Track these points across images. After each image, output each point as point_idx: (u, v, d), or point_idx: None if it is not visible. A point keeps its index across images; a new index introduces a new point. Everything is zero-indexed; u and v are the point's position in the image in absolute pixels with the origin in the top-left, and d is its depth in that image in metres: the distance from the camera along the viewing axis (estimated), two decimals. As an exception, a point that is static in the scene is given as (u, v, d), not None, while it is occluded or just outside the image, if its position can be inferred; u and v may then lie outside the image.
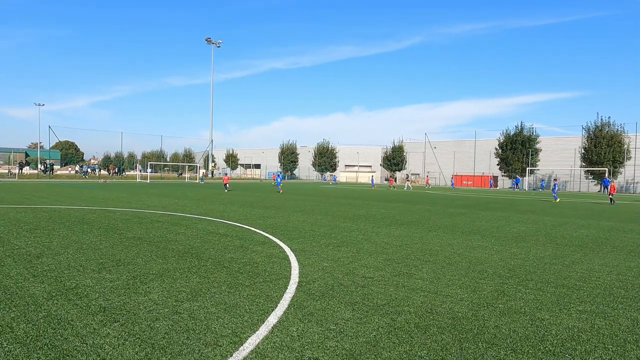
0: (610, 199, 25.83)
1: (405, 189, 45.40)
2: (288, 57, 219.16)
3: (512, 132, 58.23)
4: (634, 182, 53.31)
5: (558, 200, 27.37)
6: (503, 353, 3.51)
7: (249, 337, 3.71)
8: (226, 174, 37.67)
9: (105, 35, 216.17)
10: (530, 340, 3.80)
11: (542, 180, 59.99)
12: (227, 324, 3.99)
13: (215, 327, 3.90)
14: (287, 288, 5.26)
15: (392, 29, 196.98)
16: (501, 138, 59.18)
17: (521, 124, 57.88)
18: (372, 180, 55.84)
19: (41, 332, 3.71)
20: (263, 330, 3.85)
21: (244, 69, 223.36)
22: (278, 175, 37.10)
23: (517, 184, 56.21)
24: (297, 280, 5.66)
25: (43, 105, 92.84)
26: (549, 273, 6.42)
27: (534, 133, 57.34)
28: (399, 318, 4.29)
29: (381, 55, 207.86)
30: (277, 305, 4.56)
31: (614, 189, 26.30)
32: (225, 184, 31.74)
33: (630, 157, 50.22)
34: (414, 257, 7.41)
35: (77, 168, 62.22)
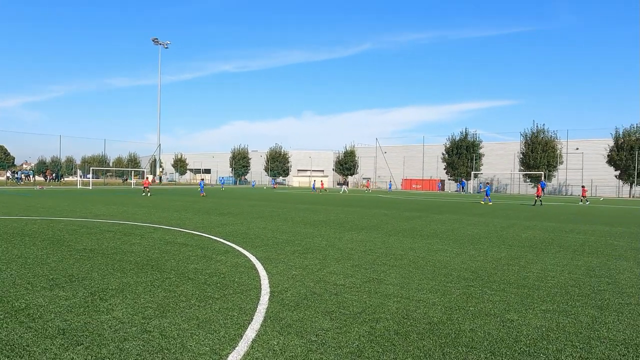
0: (536, 200, 27.71)
1: (341, 192, 46.42)
2: (237, 60, 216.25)
3: (457, 138, 61.00)
4: (565, 185, 57.61)
5: (491, 203, 28.19)
6: (483, 356, 3.60)
7: (229, 354, 3.54)
8: (147, 178, 37.84)
9: (38, 31, 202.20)
10: (505, 341, 3.93)
11: (481, 183, 63.40)
12: (203, 341, 3.79)
13: (191, 345, 3.69)
14: (259, 299, 5.10)
15: (341, 36, 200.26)
16: (447, 143, 61.81)
17: (465, 130, 60.80)
18: (313, 185, 55.64)
19: (-7, 361, 3.32)
20: (243, 346, 3.69)
21: (192, 71, 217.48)
22: (202, 180, 38.87)
23: (463, 187, 58.86)
24: (268, 290, 5.52)
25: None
26: (508, 274, 6.73)
27: (477, 139, 60.45)
28: (377, 325, 4.28)
29: (331, 61, 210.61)
30: (252, 318, 4.41)
31: (540, 191, 28.46)
32: (146, 187, 32.81)
33: (562, 162, 54.26)
34: (380, 262, 7.49)
35: (8, 174, 57.45)
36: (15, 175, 54.67)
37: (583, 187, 33.58)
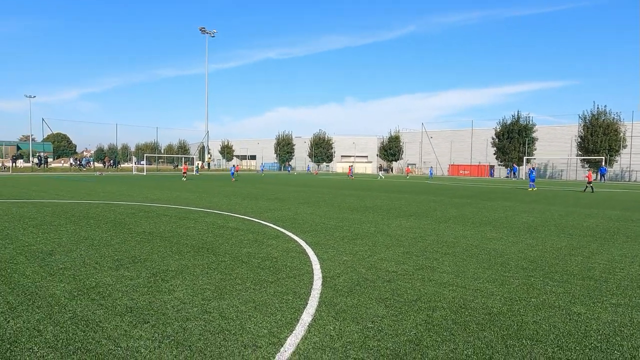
0: (587, 186, 25.59)
1: (378, 178, 45.82)
2: (281, 47, 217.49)
3: (508, 122, 58.32)
4: (629, 171, 53.70)
5: (535, 189, 26.24)
6: (550, 350, 3.43)
7: (287, 337, 3.59)
8: (185, 165, 40.99)
9: (95, 26, 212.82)
10: (574, 336, 3.72)
11: (530, 169, 60.38)
12: (261, 324, 3.87)
13: (250, 327, 3.78)
14: (312, 284, 5.14)
15: (385, 19, 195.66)
16: (498, 127, 59.28)
17: (517, 113, 58.01)
18: (351, 171, 53.57)
19: (71, 335, 3.57)
20: (300, 330, 3.74)
21: (237, 59, 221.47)
22: (233, 166, 40.29)
23: (514, 173, 56.40)
24: (320, 275, 5.55)
25: (34, 97, 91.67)
26: (571, 265, 6.36)
27: (530, 122, 57.48)
28: (434, 314, 4.19)
29: (374, 45, 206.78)
30: (307, 303, 4.45)
31: (591, 177, 26.37)
32: (184, 173, 35.97)
33: (626, 146, 50.53)
34: (432, 249, 7.33)
35: (71, 161, 61.50)
36: (79, 163, 58.38)
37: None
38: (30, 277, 5.21)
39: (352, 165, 56.91)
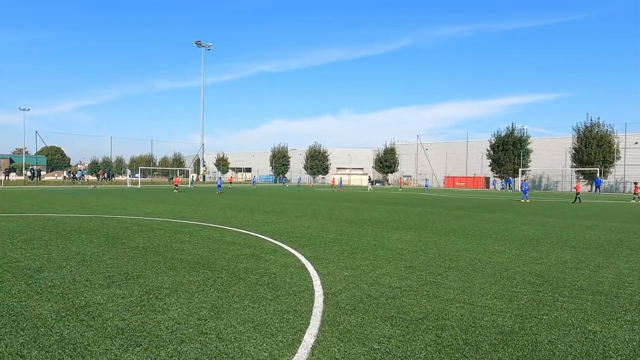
0: (576, 197, 26.49)
1: (368, 190, 45.76)
2: (276, 60, 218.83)
3: (503, 134, 58.58)
4: (624, 182, 53.97)
5: (529, 200, 27.08)
6: (570, 373, 3.22)
7: (289, 360, 3.37)
8: (176, 177, 42.41)
9: (89, 38, 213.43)
10: (592, 357, 3.52)
11: (523, 181, 60.68)
12: (261, 346, 3.64)
13: (249, 350, 3.55)
14: (313, 301, 4.92)
15: (380, 32, 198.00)
16: (492, 139, 59.51)
17: (512, 125, 58.27)
18: (340, 183, 54.06)
19: (56, 360, 3.32)
20: (303, 353, 3.51)
21: (232, 72, 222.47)
22: (219, 179, 41.21)
23: (509, 184, 56.49)
24: (321, 292, 5.32)
25: (28, 110, 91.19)
26: (579, 279, 6.18)
27: (525, 134, 57.78)
28: (443, 334, 3.98)
29: (369, 58, 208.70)
30: (309, 322, 4.22)
31: (579, 188, 27.39)
32: (176, 186, 36.61)
33: (619, 157, 50.85)
34: (435, 263, 7.12)
35: (65, 174, 60.93)
36: (73, 175, 57.81)
37: (635, 183, 30.90)
38: (16, 296, 4.94)
39: (340, 178, 56.78)
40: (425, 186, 52.71)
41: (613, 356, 3.54)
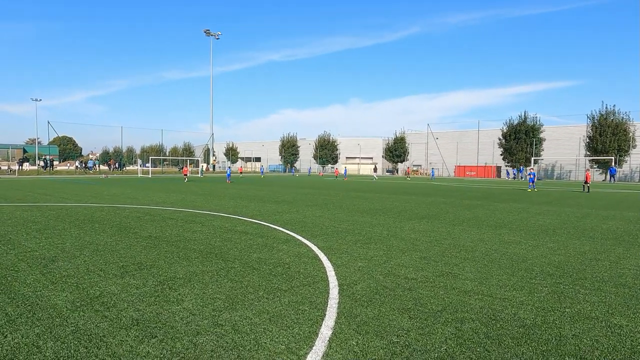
0: (584, 186, 26.17)
1: (373, 180, 45.10)
2: (284, 49, 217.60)
3: (515, 122, 57.71)
4: (638, 171, 52.99)
5: (535, 190, 26.80)
6: (598, 369, 3.11)
7: (307, 353, 3.30)
8: (185, 167, 42.02)
9: (100, 29, 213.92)
10: (620, 352, 3.40)
11: (531, 170, 59.89)
12: (277, 338, 3.57)
13: (265, 342, 3.49)
14: (329, 292, 4.84)
15: (389, 20, 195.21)
16: (504, 128, 58.68)
17: (524, 114, 57.35)
18: (344, 172, 53.46)
19: (72, 351, 3.29)
20: (320, 345, 3.44)
21: (241, 62, 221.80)
22: (229, 168, 42.92)
23: (520, 174, 55.79)
24: (336, 283, 5.25)
25: (40, 100, 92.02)
26: (600, 270, 6.02)
27: (538, 122, 56.85)
28: (463, 327, 3.88)
29: (378, 47, 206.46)
30: (325, 314, 4.15)
31: (589, 178, 26.88)
32: (185, 175, 37.63)
33: (635, 146, 49.84)
34: (450, 254, 7.00)
35: (77, 164, 61.55)
36: (85, 165, 58.37)
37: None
38: (32, 286, 4.94)
39: (344, 167, 56.28)
40: (432, 175, 52.35)
41: (642, 352, 3.41)
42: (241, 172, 57.35)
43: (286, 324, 3.88)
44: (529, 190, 26.69)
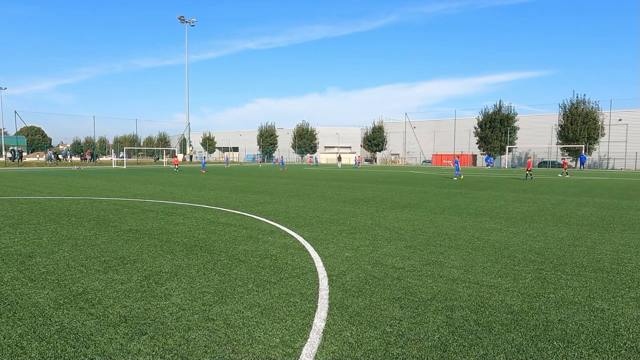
0: (527, 174, 26.68)
1: (338, 167, 47.05)
2: (261, 37, 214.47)
3: (490, 111, 58.79)
4: (607, 159, 54.98)
5: (462, 177, 26.96)
6: (586, 353, 3.21)
7: (302, 346, 3.28)
8: (176, 157, 43.40)
9: (69, 15, 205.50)
10: (605, 335, 3.52)
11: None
12: (271, 331, 3.54)
13: (259, 336, 3.46)
14: (318, 284, 4.84)
15: (366, 8, 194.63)
16: (480, 117, 59.72)
17: (499, 103, 58.47)
18: (316, 160, 56.41)
19: (59, 351, 3.18)
20: (315, 338, 3.43)
21: (216, 50, 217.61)
22: (204, 158, 45.23)
23: (491, 163, 56.99)
24: (325, 273, 5.24)
25: (5, 89, 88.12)
26: (578, 256, 6.22)
27: (512, 111, 58.09)
28: (454, 315, 3.94)
29: (355, 35, 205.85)
30: (316, 305, 4.14)
31: (530, 165, 27.63)
32: (175, 165, 39.20)
33: (604, 134, 51.63)
34: (435, 242, 7.10)
35: (50, 153, 59.38)
36: (57, 156, 56.41)
37: (563, 159, 31.59)
38: (9, 284, 4.75)
39: (315, 156, 59.04)
40: (355, 164, 54.10)
41: (625, 334, 3.54)
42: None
43: (279, 317, 3.85)
44: (454, 178, 26.28)
